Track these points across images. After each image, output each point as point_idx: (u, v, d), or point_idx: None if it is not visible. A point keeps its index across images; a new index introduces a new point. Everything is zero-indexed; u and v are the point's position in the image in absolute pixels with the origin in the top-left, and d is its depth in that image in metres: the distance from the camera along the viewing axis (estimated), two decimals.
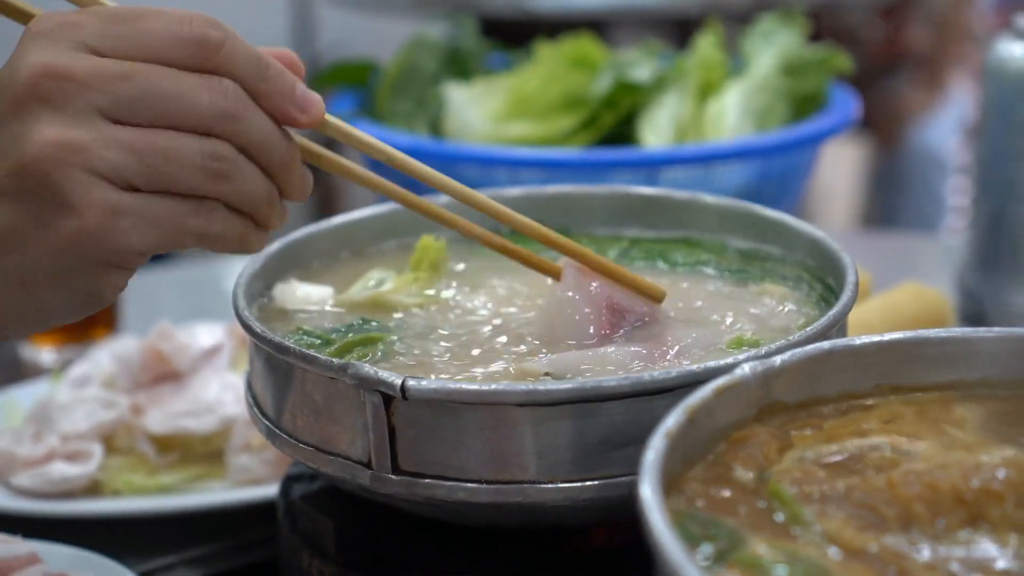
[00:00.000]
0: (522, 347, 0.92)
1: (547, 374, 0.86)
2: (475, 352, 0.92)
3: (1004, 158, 1.43)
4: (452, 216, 0.94)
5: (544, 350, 0.91)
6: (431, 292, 1.02)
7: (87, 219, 0.75)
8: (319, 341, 0.93)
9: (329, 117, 0.84)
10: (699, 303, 0.98)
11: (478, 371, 0.89)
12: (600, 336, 0.91)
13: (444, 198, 0.97)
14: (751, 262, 1.04)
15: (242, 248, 0.83)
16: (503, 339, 0.93)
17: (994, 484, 0.68)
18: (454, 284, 1.03)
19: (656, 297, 0.94)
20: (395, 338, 0.93)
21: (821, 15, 3.87)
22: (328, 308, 1.00)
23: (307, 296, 1.00)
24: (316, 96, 0.82)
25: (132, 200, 0.76)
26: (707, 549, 0.64)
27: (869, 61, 4.13)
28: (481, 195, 0.93)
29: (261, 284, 1.01)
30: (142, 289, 1.75)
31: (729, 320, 0.95)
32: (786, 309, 0.97)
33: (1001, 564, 0.64)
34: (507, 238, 0.96)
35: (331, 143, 0.91)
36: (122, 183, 0.75)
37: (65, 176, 0.74)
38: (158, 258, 2.51)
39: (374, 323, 0.97)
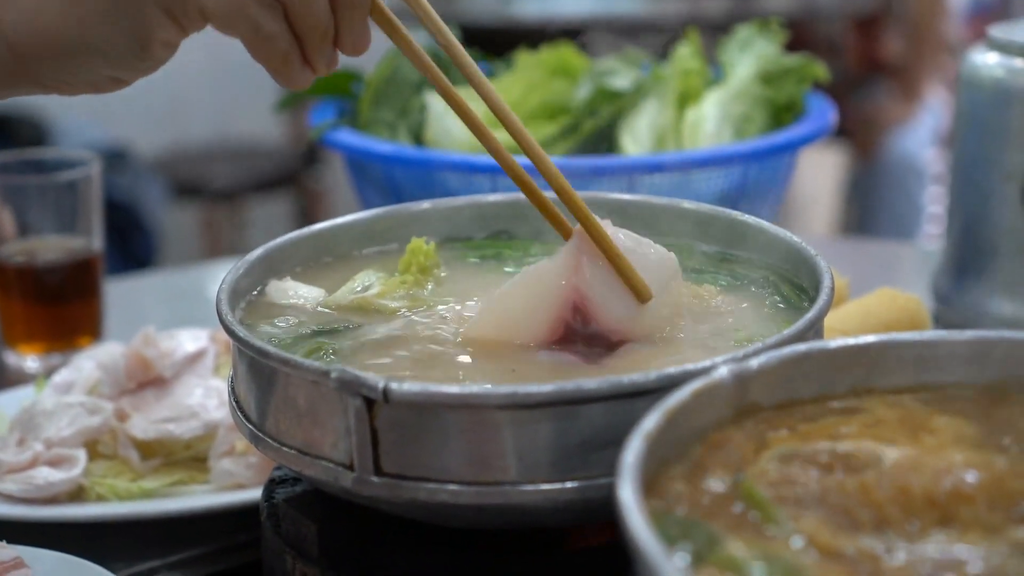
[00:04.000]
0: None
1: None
2: (442, 354, 0.93)
3: (978, 167, 1.45)
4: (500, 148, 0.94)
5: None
6: (418, 295, 1.03)
7: None
8: (289, 341, 0.94)
9: None
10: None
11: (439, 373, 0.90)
12: (550, 329, 0.92)
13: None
14: (718, 264, 1.05)
15: (283, 68, 0.82)
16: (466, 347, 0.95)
17: (965, 487, 0.69)
18: (441, 288, 1.04)
19: (642, 296, 0.94)
20: (364, 341, 0.95)
21: (798, 25, 3.89)
22: (316, 309, 1.01)
23: (299, 295, 1.01)
24: None
25: None
26: (685, 549, 0.65)
27: (846, 71, 4.15)
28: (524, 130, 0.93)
29: (247, 286, 1.01)
30: (125, 296, 1.75)
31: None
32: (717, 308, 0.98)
33: (972, 565, 0.65)
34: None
35: None
36: None
37: None
38: (141, 264, 2.49)
39: (354, 325, 0.98)
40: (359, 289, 1.03)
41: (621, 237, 0.94)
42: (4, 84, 0.82)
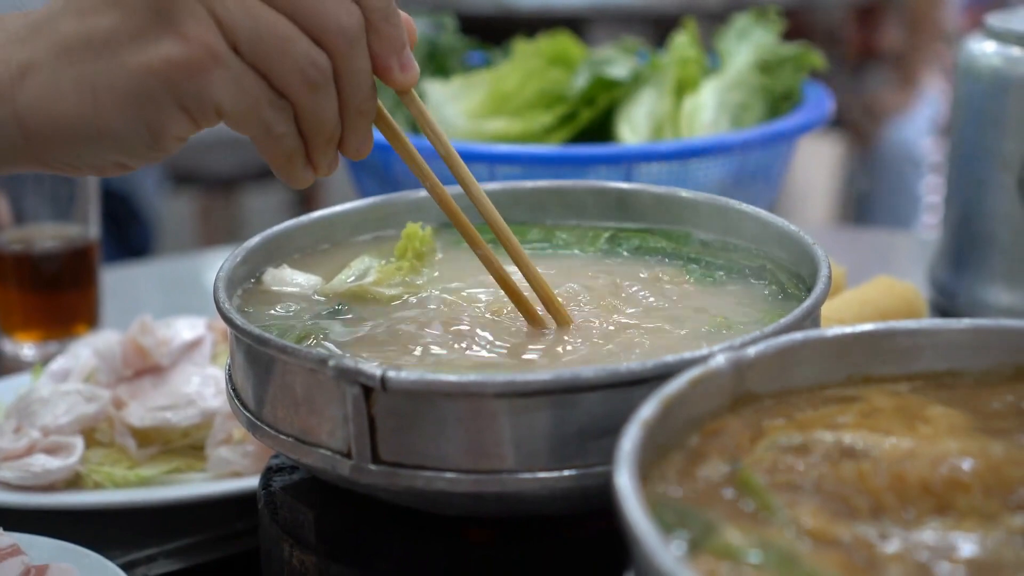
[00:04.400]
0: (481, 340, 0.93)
1: None
2: (446, 341, 0.93)
3: (974, 155, 1.45)
4: (472, 231, 0.94)
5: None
6: (414, 281, 1.03)
7: (188, 50, 0.76)
8: (286, 328, 0.94)
9: (414, 92, 0.87)
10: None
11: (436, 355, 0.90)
12: None
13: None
14: (715, 253, 1.06)
15: (287, 166, 0.84)
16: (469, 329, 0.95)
17: (961, 474, 0.69)
18: (437, 274, 1.04)
19: (562, 321, 0.95)
20: (361, 328, 0.95)
21: (796, 15, 3.90)
22: (313, 296, 1.01)
23: (295, 282, 1.02)
24: (416, 64, 0.85)
25: (233, 58, 0.77)
26: (682, 537, 0.65)
27: (844, 60, 4.15)
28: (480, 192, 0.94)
29: (244, 274, 1.02)
30: (121, 284, 1.75)
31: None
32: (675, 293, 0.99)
33: (968, 552, 0.65)
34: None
35: None
36: (231, 40, 0.76)
37: (186, 3, 0.75)
38: (138, 253, 2.50)
39: (351, 311, 0.98)
40: (355, 276, 1.03)
41: None
42: (8, 161, 0.83)
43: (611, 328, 0.95)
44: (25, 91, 0.80)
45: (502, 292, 0.96)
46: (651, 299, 1.00)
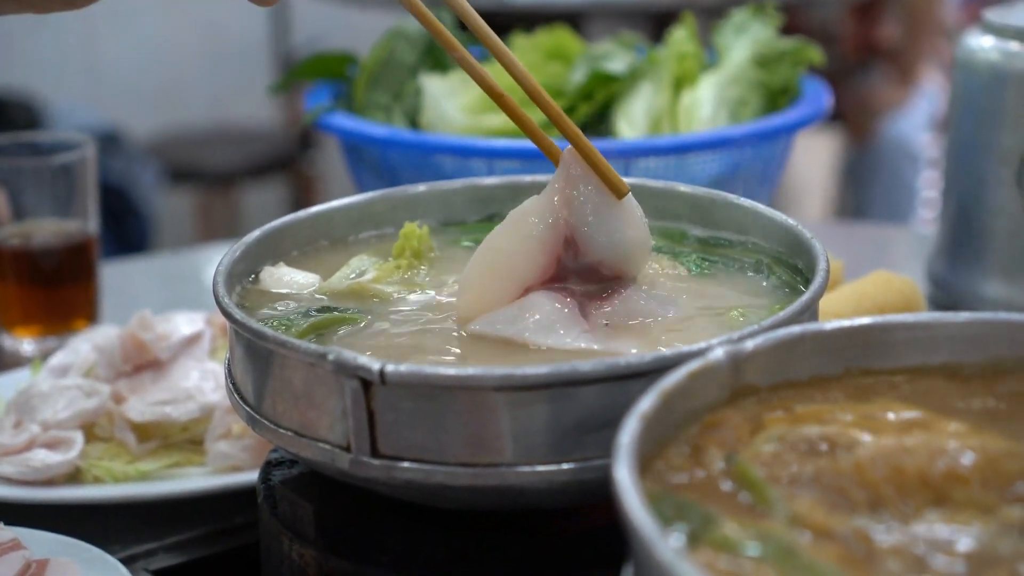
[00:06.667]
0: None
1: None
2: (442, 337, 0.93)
3: (972, 150, 1.45)
4: (471, 60, 0.98)
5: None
6: (412, 279, 1.03)
7: None
8: (284, 325, 0.94)
9: None
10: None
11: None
12: (543, 268, 0.93)
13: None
14: (712, 248, 1.06)
15: None
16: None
17: (959, 467, 0.69)
18: (435, 271, 1.05)
19: (619, 191, 0.95)
20: (363, 323, 0.95)
21: (794, 11, 3.90)
22: (312, 294, 1.01)
23: (292, 281, 1.02)
24: None
25: None
26: (680, 530, 0.65)
27: (842, 56, 4.15)
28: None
29: (244, 269, 1.02)
30: (120, 280, 1.76)
31: None
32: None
33: (965, 545, 0.65)
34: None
35: None
36: None
37: None
38: (135, 248, 2.50)
39: (350, 309, 0.98)
40: (354, 274, 1.03)
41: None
42: None
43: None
44: None
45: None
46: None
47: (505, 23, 2.12)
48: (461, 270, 1.04)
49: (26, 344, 1.52)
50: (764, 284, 1.00)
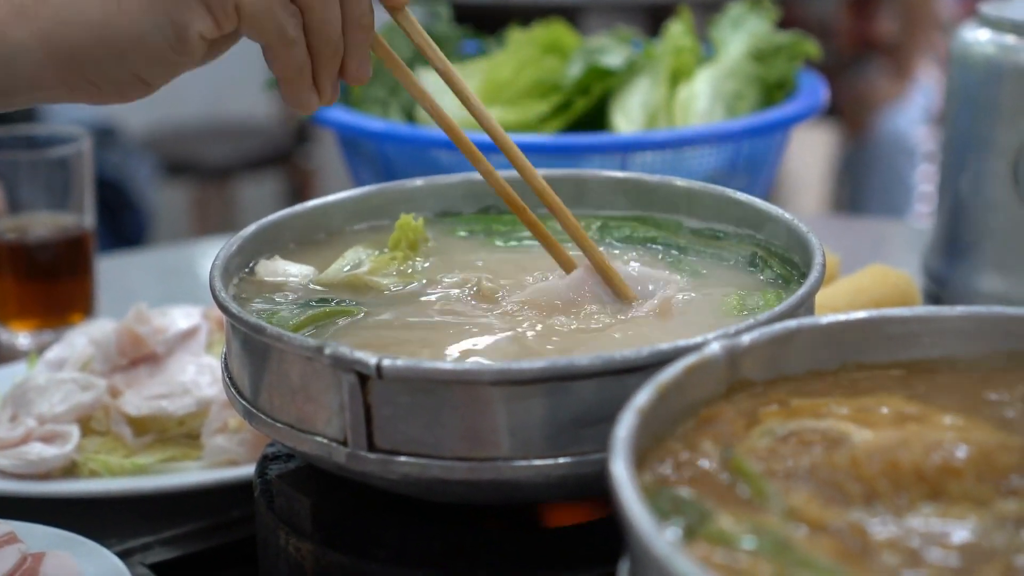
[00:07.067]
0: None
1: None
2: (442, 332, 0.93)
3: (968, 144, 1.45)
4: (494, 172, 1.00)
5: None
6: (408, 270, 1.03)
7: None
8: (279, 318, 0.94)
9: (408, 11, 0.94)
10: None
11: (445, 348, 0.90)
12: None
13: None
14: (707, 242, 1.06)
15: (297, 80, 0.89)
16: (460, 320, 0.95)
17: (954, 461, 0.70)
18: (430, 263, 1.05)
19: (628, 298, 0.97)
20: (360, 315, 0.95)
21: (790, 5, 3.90)
22: (308, 286, 1.01)
23: (288, 273, 1.02)
24: None
25: None
26: (677, 524, 0.65)
27: (838, 50, 4.15)
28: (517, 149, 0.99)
29: (239, 264, 1.02)
30: (116, 274, 1.75)
31: None
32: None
33: (960, 538, 0.65)
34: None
35: None
36: None
37: None
38: (132, 242, 2.49)
39: (346, 301, 0.98)
40: (349, 266, 1.03)
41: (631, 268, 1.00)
42: (32, 85, 0.86)
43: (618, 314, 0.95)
44: (49, 5, 0.83)
45: (494, 278, 0.97)
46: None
47: (502, 17, 2.12)
48: (457, 261, 1.05)
49: (22, 338, 1.51)
50: (760, 278, 1.00)
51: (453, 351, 0.91)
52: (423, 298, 0.99)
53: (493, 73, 1.61)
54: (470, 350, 0.91)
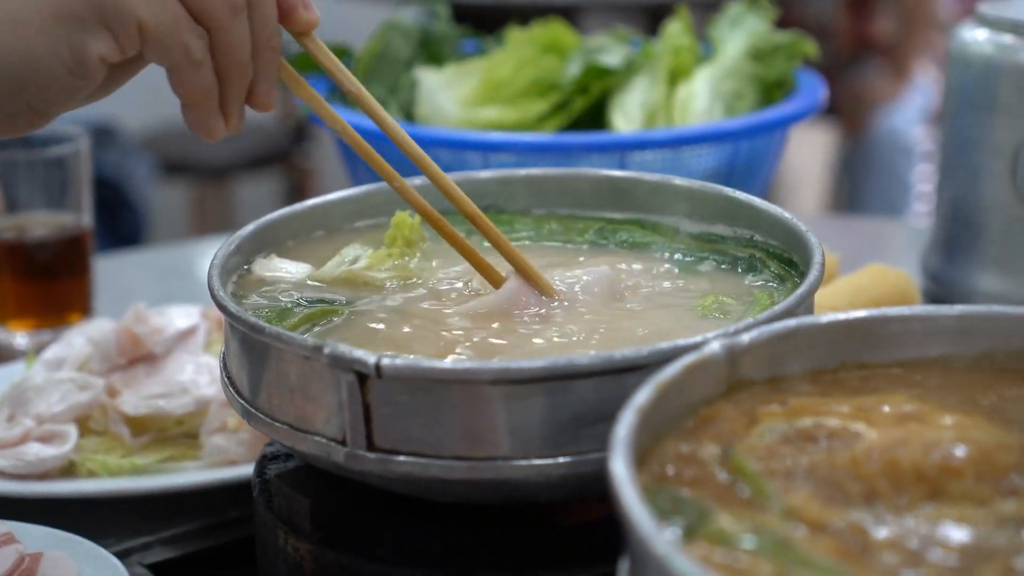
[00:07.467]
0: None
1: None
2: (440, 330, 0.93)
3: (966, 143, 1.45)
4: (409, 188, 0.98)
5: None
6: (404, 267, 1.03)
7: None
8: (276, 316, 0.94)
9: (315, 35, 0.90)
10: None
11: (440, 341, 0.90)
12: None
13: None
14: (704, 244, 1.06)
15: (203, 103, 0.85)
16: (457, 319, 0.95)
17: (953, 460, 0.70)
18: (427, 260, 1.05)
19: (548, 293, 0.97)
20: (354, 312, 0.95)
21: (789, 6, 3.90)
22: (305, 283, 1.01)
23: (285, 270, 1.02)
24: (315, 8, 0.88)
25: None
26: (676, 524, 0.65)
27: (836, 53, 4.16)
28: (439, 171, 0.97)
29: (237, 263, 1.02)
30: (114, 273, 1.75)
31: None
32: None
33: (959, 538, 0.65)
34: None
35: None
36: None
37: None
38: (129, 242, 2.48)
39: (343, 298, 0.98)
40: (346, 263, 1.03)
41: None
42: None
43: (605, 313, 0.95)
44: None
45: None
46: (644, 287, 1.00)
47: (501, 17, 2.12)
48: (453, 258, 1.05)
49: (20, 337, 1.51)
50: (758, 279, 1.00)
51: (450, 348, 0.90)
52: (419, 294, 0.99)
53: (492, 72, 1.61)
54: (468, 345, 0.91)
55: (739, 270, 1.02)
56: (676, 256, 1.05)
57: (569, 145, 1.42)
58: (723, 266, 1.03)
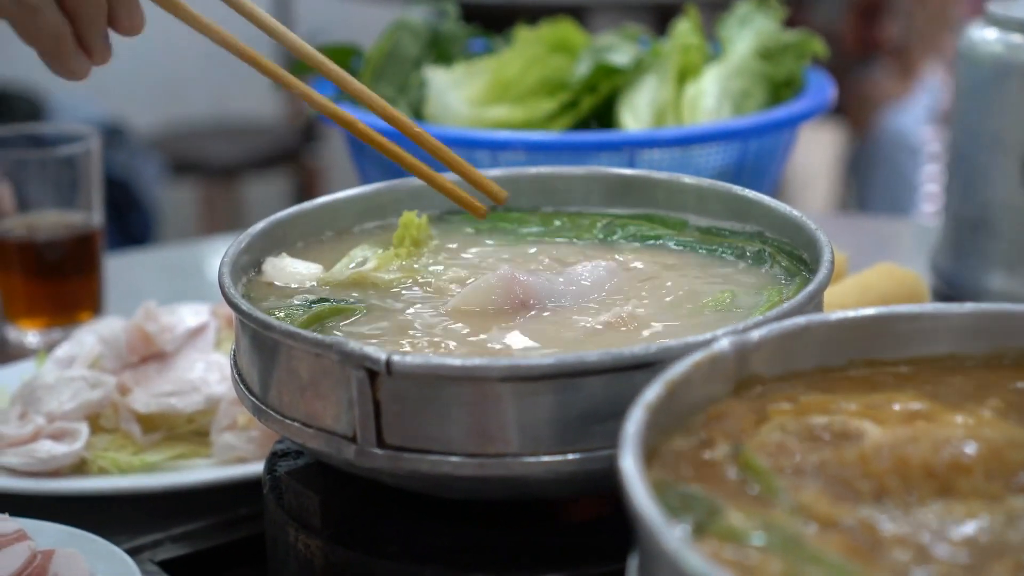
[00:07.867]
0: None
1: None
2: (439, 327, 0.94)
3: (976, 142, 1.45)
4: (367, 130, 1.00)
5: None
6: (412, 267, 1.03)
7: None
8: (287, 316, 0.95)
9: None
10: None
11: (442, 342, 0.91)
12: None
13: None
14: (713, 239, 1.06)
15: (56, 50, 0.80)
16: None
17: (963, 457, 0.70)
18: (435, 260, 1.05)
19: (498, 198, 1.00)
20: (364, 311, 0.95)
21: (796, 10, 3.89)
22: (314, 284, 1.01)
23: (295, 271, 1.02)
24: None
25: None
26: (686, 520, 0.65)
27: (843, 55, 4.15)
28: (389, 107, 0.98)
29: (248, 261, 1.02)
30: (124, 272, 1.76)
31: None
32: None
33: (970, 534, 0.65)
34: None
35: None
36: None
37: None
38: (138, 241, 2.48)
39: (352, 298, 0.98)
40: (355, 264, 1.04)
41: None
42: None
43: (613, 307, 0.95)
44: None
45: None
46: (651, 281, 1.00)
47: (509, 16, 2.12)
48: (461, 258, 1.05)
49: (31, 336, 1.52)
50: (767, 276, 1.00)
51: (457, 345, 0.91)
52: (427, 294, 1.00)
53: (501, 71, 1.61)
54: (477, 344, 0.91)
55: (749, 264, 1.02)
56: (685, 250, 1.06)
57: (578, 144, 1.42)
58: (732, 260, 1.03)
